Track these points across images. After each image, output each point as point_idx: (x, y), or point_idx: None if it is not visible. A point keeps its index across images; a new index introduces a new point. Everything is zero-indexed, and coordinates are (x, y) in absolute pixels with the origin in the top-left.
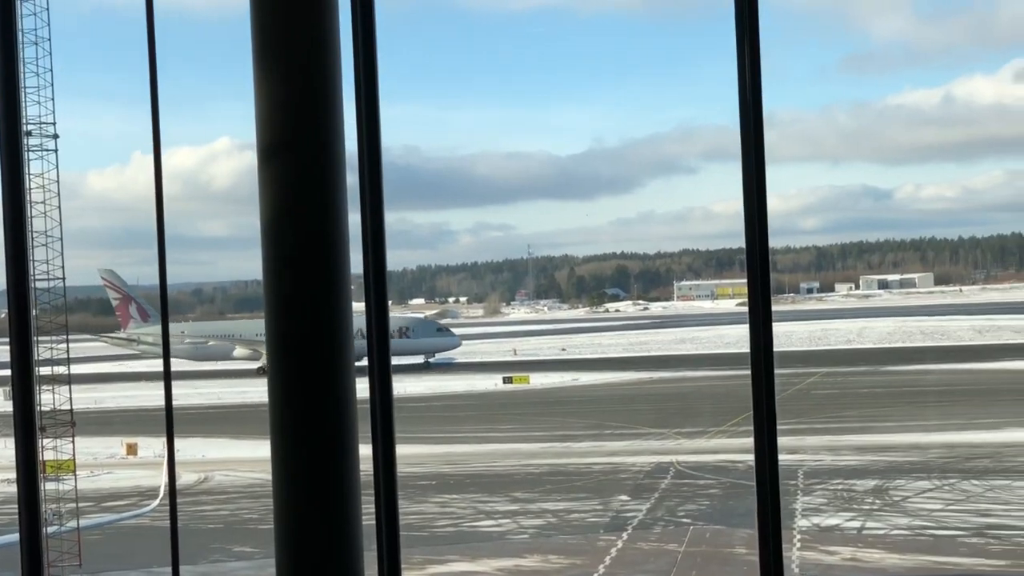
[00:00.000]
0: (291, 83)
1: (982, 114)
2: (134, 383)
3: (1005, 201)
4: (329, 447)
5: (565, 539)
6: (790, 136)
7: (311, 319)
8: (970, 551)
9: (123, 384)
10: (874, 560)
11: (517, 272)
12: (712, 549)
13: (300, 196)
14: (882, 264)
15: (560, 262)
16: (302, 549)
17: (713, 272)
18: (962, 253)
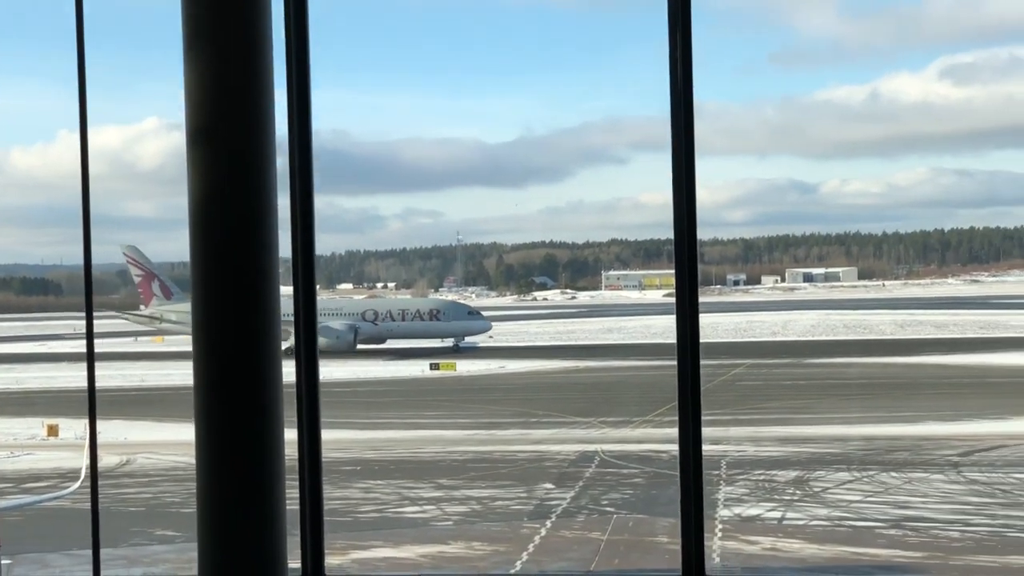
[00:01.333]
0: (221, 66)
1: (907, 111)
2: (56, 364)
3: (928, 197)
4: (254, 432)
5: (489, 526)
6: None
7: (238, 303)
8: (888, 542)
9: (46, 365)
10: (793, 550)
11: (446, 259)
12: (635, 538)
13: (229, 179)
14: (808, 257)
15: (489, 249)
16: (224, 533)
17: (641, 262)
18: (886, 248)
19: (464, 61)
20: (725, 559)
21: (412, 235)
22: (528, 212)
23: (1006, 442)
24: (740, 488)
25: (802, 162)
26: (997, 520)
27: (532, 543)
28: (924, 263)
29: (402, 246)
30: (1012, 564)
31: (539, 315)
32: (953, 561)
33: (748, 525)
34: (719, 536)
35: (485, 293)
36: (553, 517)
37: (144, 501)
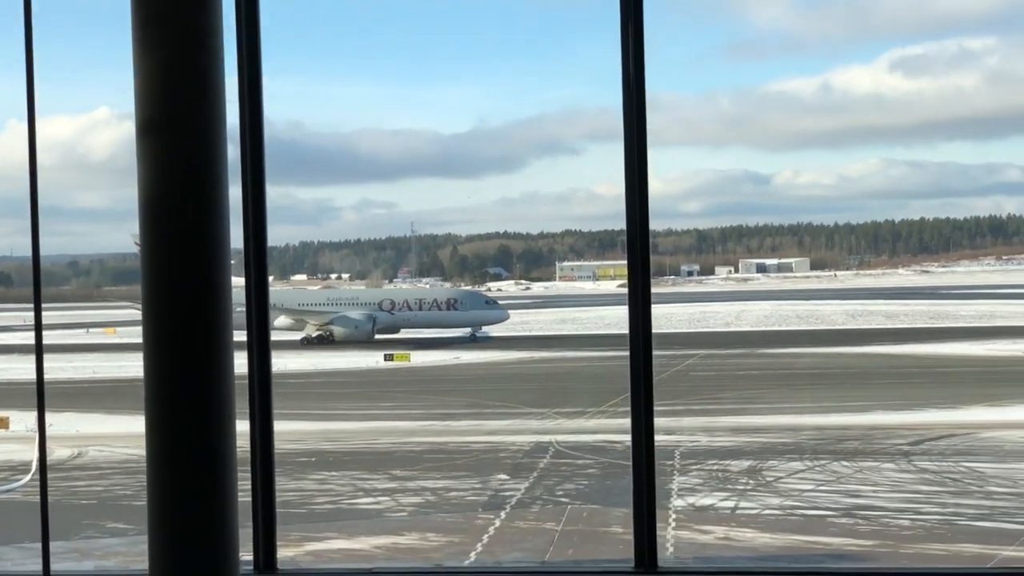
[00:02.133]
0: (171, 55)
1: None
2: (7, 355)
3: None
4: (205, 423)
5: (443, 517)
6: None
7: (189, 294)
8: (839, 531)
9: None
10: (746, 539)
11: (400, 250)
12: (589, 528)
13: (180, 170)
14: (761, 248)
15: (443, 240)
16: (175, 526)
17: (595, 253)
18: (837, 239)
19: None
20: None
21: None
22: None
23: (955, 431)
24: (694, 478)
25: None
26: (947, 508)
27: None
28: (875, 254)
29: (357, 237)
30: (962, 552)
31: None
32: (904, 549)
33: (702, 515)
34: (673, 526)
35: (440, 284)
36: (507, 508)
37: (96, 494)
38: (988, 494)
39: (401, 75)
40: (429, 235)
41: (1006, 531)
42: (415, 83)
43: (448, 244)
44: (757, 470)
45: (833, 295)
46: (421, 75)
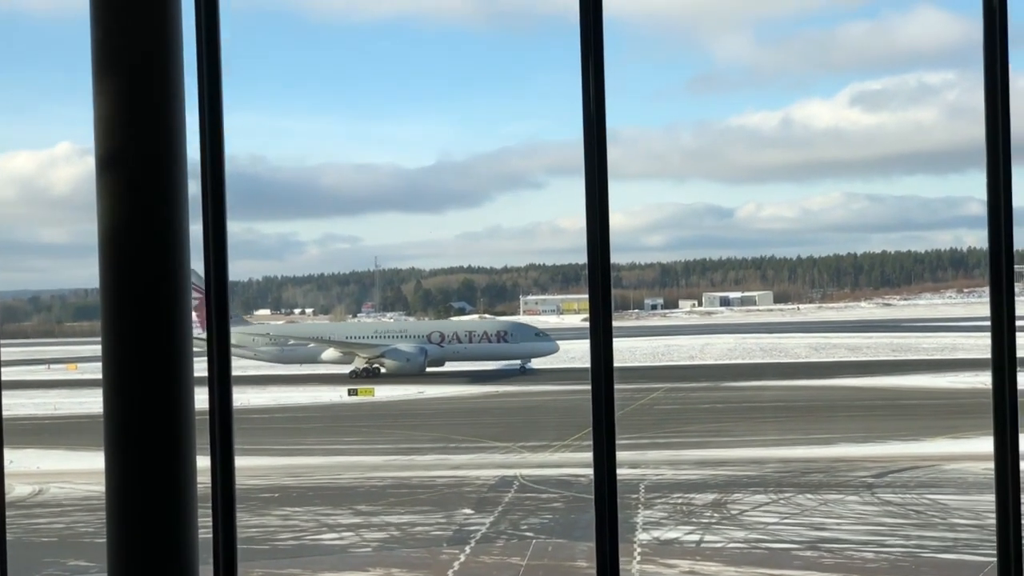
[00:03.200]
0: (131, 90)
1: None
2: None
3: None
4: (165, 458)
5: (408, 552)
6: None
7: (149, 330)
8: (803, 564)
9: None
10: (711, 573)
11: (364, 284)
12: (554, 562)
13: (139, 205)
14: (724, 281)
15: (407, 275)
16: (135, 562)
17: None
18: (800, 272)
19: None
20: None
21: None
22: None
23: (919, 463)
24: (659, 511)
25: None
26: (911, 541)
27: (452, 569)
28: (838, 287)
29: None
30: None
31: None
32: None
33: (667, 548)
34: (638, 560)
35: (403, 318)
36: (472, 542)
37: (57, 531)
38: (951, 526)
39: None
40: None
41: (969, 563)
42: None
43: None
44: (722, 503)
45: (796, 328)
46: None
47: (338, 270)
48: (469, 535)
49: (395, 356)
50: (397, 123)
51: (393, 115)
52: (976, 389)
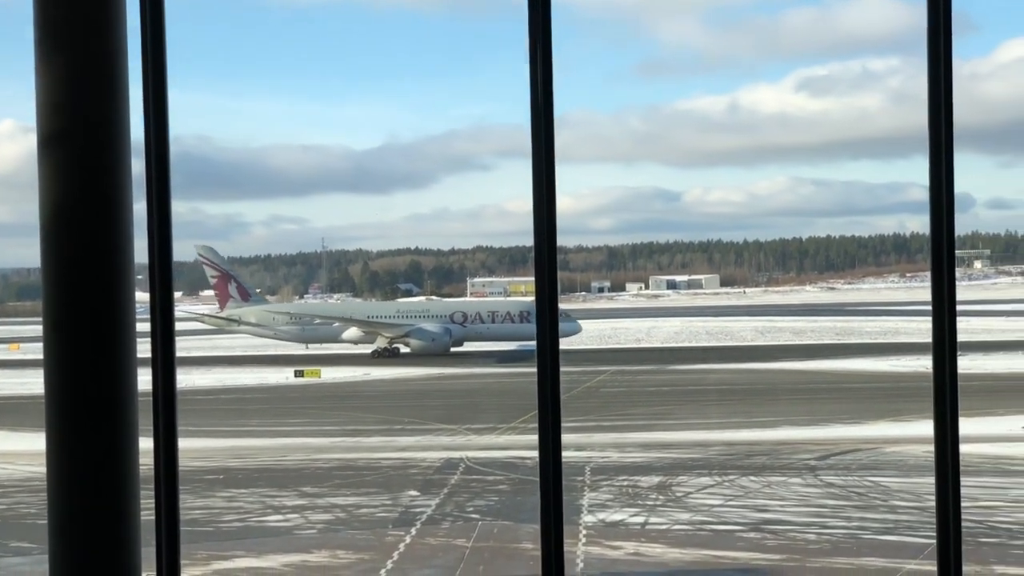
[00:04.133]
0: (74, 68)
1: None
2: None
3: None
4: (106, 440)
5: (354, 534)
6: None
7: (91, 310)
8: (747, 545)
9: None
10: (656, 555)
11: (311, 265)
12: (499, 544)
13: (82, 184)
14: (671, 265)
15: (354, 256)
16: (76, 545)
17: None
18: (746, 256)
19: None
20: (589, 565)
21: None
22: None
23: (860, 446)
24: (604, 494)
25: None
26: (852, 523)
27: (397, 551)
28: (783, 271)
29: (267, 252)
30: (867, 566)
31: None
32: (810, 563)
33: (612, 530)
34: (583, 542)
35: (350, 300)
36: (418, 524)
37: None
38: (892, 508)
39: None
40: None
41: (910, 545)
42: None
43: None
44: (667, 485)
45: (742, 312)
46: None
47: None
48: (415, 517)
49: (420, 336)
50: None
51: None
52: (918, 373)
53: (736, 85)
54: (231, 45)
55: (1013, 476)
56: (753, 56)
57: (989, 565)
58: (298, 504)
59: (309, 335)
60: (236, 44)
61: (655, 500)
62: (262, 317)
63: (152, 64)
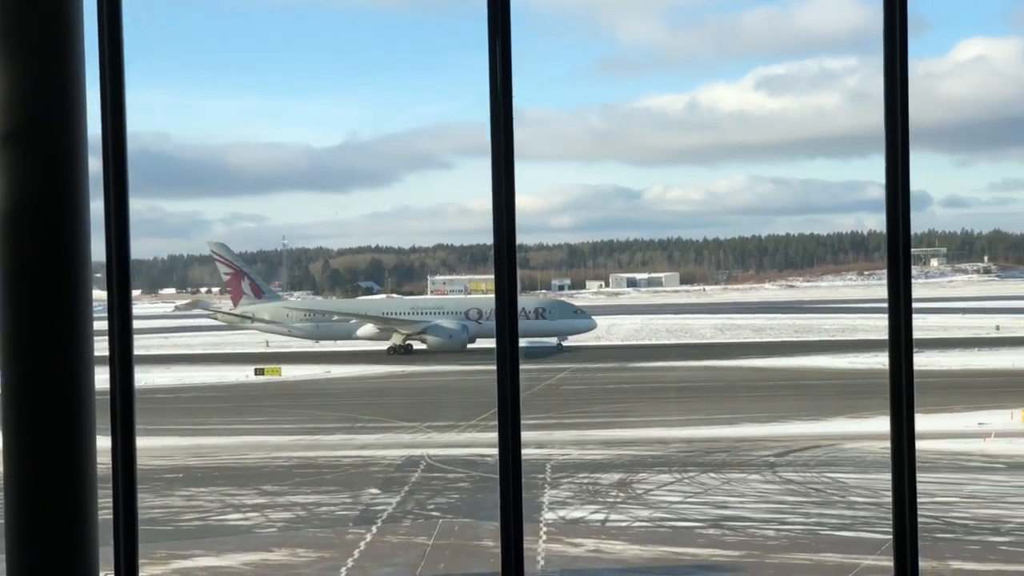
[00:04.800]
0: (31, 66)
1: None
2: None
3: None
4: (64, 439)
5: (314, 532)
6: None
7: (48, 308)
8: (707, 542)
9: None
10: (616, 552)
11: (271, 263)
12: (460, 542)
13: (39, 184)
14: (631, 263)
15: (315, 254)
16: (34, 544)
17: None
18: (706, 254)
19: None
20: (549, 562)
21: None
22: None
23: (819, 442)
24: (564, 491)
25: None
26: (811, 518)
27: (357, 549)
28: (743, 268)
29: None
30: (825, 562)
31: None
32: (769, 559)
33: (572, 527)
34: (544, 539)
35: (311, 298)
36: (379, 522)
37: None
38: (850, 504)
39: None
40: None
41: (867, 540)
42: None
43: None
44: (627, 483)
45: (702, 309)
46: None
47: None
48: (375, 515)
49: (437, 332)
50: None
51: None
52: (875, 370)
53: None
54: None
55: (969, 472)
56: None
57: (945, 561)
58: (258, 502)
59: (324, 332)
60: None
61: (615, 497)
62: (276, 314)
63: (109, 62)
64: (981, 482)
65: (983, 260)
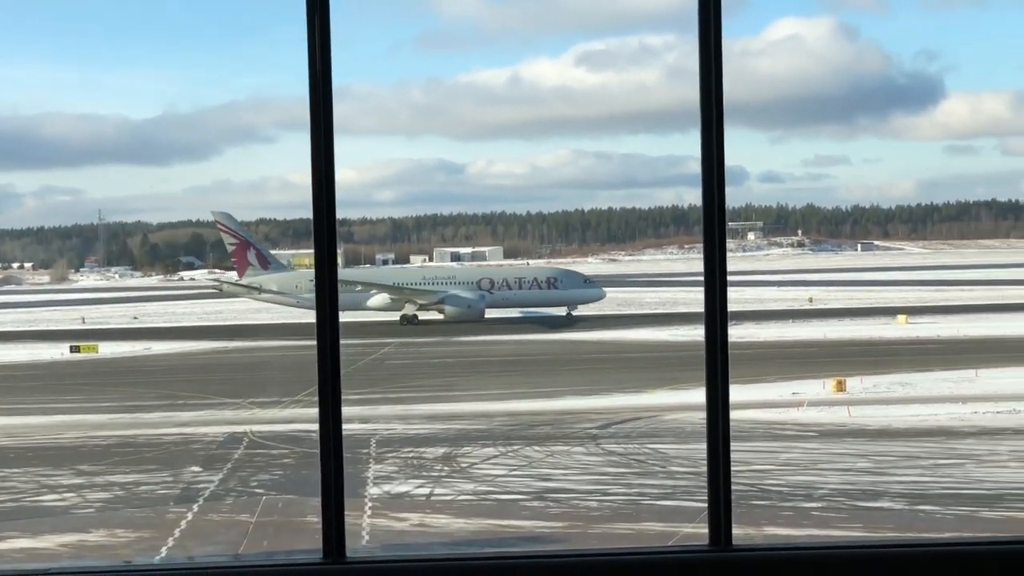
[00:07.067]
0: None
1: (547, 95)
2: None
3: (569, 179)
4: None
5: (133, 512)
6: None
7: None
8: (531, 514)
9: None
10: (441, 525)
11: (87, 238)
12: (284, 518)
13: None
14: (455, 237)
15: (133, 228)
16: None
17: (291, 242)
18: (530, 228)
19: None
20: (374, 537)
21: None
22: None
23: (640, 414)
24: (389, 466)
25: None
26: (633, 489)
27: (178, 528)
28: (566, 242)
29: (39, 225)
30: (646, 530)
31: (186, 295)
32: (592, 529)
33: (397, 502)
34: (369, 514)
35: (129, 273)
36: (200, 501)
37: None
38: (671, 474)
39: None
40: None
41: (687, 509)
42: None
43: (138, 232)
44: (452, 456)
45: None
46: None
47: (59, 223)
48: (197, 493)
49: (456, 302)
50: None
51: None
52: (695, 342)
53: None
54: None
55: (783, 440)
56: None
57: (760, 527)
58: (75, 483)
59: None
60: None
61: (440, 471)
62: (284, 284)
63: None
64: (795, 450)
65: (797, 234)
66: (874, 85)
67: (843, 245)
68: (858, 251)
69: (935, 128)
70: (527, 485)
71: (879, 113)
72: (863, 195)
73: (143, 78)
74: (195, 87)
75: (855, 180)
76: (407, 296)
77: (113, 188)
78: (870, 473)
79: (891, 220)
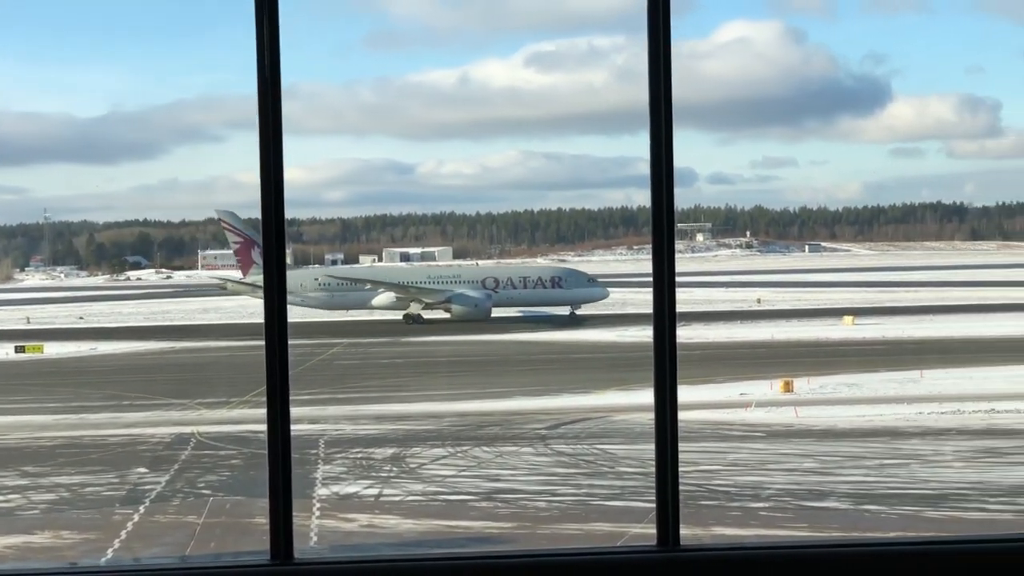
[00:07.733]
0: None
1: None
2: None
3: (519, 179)
4: None
5: (79, 514)
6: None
7: None
8: (480, 514)
9: None
10: (390, 526)
11: (32, 237)
12: (232, 520)
13: None
14: (405, 237)
15: (79, 228)
16: None
17: None
18: (480, 228)
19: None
20: (323, 538)
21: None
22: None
23: (589, 415)
24: (338, 467)
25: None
26: (581, 489)
27: (124, 530)
28: (515, 243)
29: None
30: (595, 531)
31: (133, 295)
32: (541, 530)
33: (346, 503)
34: (317, 515)
35: (75, 272)
36: (147, 502)
37: None
38: (619, 474)
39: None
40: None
41: (635, 509)
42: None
43: (84, 231)
44: (401, 457)
45: None
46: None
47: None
48: (143, 494)
49: (462, 301)
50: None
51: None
52: (643, 343)
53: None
54: None
55: (731, 441)
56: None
57: (708, 527)
58: (19, 484)
59: (338, 301)
60: None
61: (389, 472)
62: (290, 283)
63: None
64: (742, 450)
65: (746, 235)
66: (821, 88)
67: (791, 246)
68: (806, 252)
69: (881, 131)
70: (476, 486)
71: (826, 116)
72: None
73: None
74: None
75: (803, 182)
76: (413, 295)
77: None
78: (816, 473)
79: (838, 222)
